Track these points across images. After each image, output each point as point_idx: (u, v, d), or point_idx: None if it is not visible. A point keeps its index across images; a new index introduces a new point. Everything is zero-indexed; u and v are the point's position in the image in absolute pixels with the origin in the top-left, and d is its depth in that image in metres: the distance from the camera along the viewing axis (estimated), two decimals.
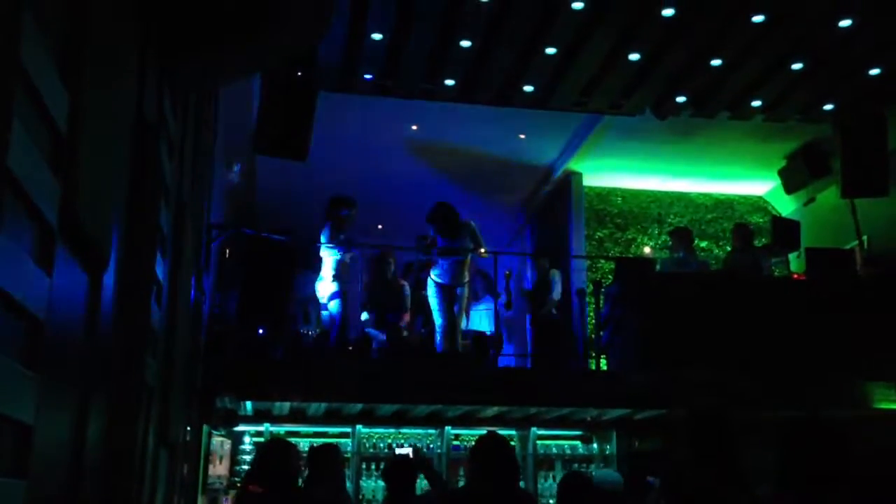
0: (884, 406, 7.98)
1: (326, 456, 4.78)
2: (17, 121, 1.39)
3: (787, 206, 11.88)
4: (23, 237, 1.51)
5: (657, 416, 8.46)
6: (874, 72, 8.51)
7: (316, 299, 8.79)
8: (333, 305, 8.43)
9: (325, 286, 8.44)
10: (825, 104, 9.29)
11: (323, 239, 8.36)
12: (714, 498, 3.20)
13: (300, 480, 4.91)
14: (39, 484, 1.65)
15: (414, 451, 4.88)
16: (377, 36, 7.69)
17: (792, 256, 10.39)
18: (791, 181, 11.09)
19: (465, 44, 7.88)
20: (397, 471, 4.79)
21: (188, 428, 5.69)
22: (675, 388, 7.76)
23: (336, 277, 8.39)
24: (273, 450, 4.73)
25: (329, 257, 8.43)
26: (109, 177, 2.18)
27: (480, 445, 4.26)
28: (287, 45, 4.17)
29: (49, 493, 1.81)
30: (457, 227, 8.41)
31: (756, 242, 10.38)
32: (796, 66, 8.44)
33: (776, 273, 10.44)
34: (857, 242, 9.59)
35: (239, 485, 6.42)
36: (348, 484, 8.40)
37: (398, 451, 5.02)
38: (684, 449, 3.53)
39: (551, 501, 8.13)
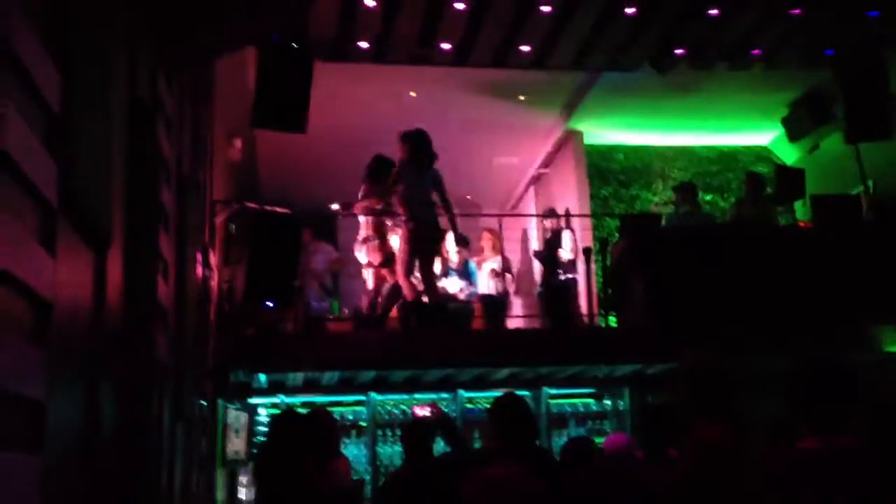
0: (894, 349, 8.00)
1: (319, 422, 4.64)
2: (10, 103, 1.40)
3: (791, 154, 11.81)
4: (25, 219, 1.53)
5: (669, 370, 8.50)
6: (873, 14, 8.41)
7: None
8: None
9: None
10: (825, 49, 9.19)
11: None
12: (726, 452, 3.20)
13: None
14: (54, 459, 1.68)
15: (433, 409, 4.83)
16: (370, 2, 7.64)
17: (798, 205, 10.35)
18: (795, 129, 11.00)
19: (459, 6, 7.82)
20: (414, 434, 4.78)
21: (203, 403, 5.75)
22: (684, 340, 7.78)
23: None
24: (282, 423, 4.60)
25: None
26: (106, 155, 2.19)
27: (498, 406, 4.29)
28: (281, 16, 4.15)
29: (64, 467, 1.84)
30: (427, 159, 8.37)
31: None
32: (794, 12, 8.35)
33: (782, 222, 10.41)
34: (862, 188, 9.54)
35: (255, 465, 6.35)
36: (364, 451, 8.51)
37: (417, 411, 4.95)
38: (684, 404, 3.51)
39: None
